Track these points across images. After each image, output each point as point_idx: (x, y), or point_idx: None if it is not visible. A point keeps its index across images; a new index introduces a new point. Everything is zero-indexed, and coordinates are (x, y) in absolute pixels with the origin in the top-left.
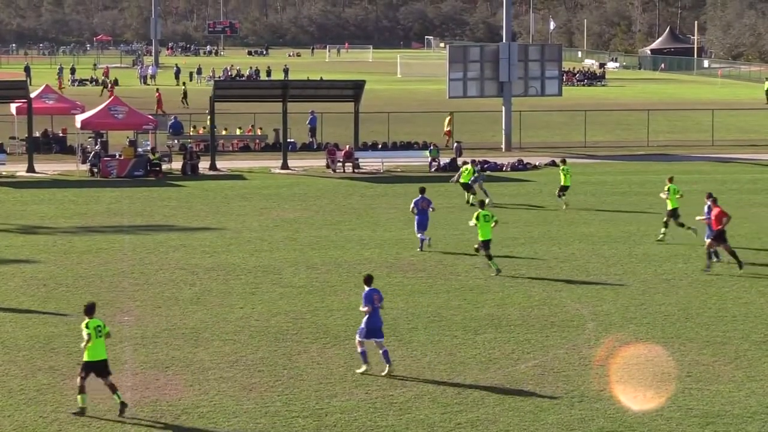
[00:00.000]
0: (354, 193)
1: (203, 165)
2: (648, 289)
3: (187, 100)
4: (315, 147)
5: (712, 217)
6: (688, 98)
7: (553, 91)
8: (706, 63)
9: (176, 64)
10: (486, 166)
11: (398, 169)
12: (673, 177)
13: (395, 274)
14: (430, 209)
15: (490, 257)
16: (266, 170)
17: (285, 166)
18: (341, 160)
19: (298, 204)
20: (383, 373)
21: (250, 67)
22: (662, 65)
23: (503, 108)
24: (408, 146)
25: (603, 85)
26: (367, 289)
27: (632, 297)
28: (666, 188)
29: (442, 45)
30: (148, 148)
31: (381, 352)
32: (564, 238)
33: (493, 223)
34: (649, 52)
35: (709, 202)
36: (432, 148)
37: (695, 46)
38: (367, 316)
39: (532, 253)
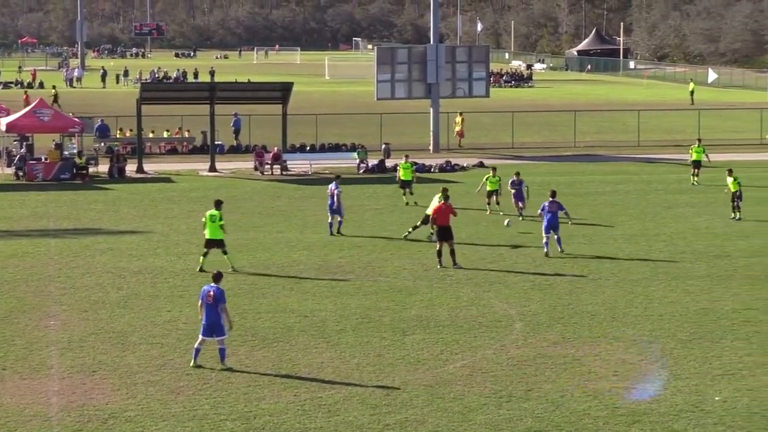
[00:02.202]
0: (282, 195)
1: (130, 168)
2: (575, 288)
3: (59, 103)
4: (241, 149)
5: (439, 211)
6: (614, 99)
7: (481, 92)
8: (631, 64)
9: (102, 67)
10: (414, 167)
11: (326, 171)
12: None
13: (324, 275)
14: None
15: (204, 254)
16: (194, 173)
17: (213, 168)
18: (269, 162)
19: (226, 206)
20: (219, 368)
21: (177, 70)
22: (588, 66)
23: (431, 109)
24: (336, 148)
25: (530, 87)
26: (207, 286)
27: (559, 297)
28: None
29: (369, 47)
30: (75, 151)
31: (218, 348)
32: (492, 239)
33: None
34: (575, 53)
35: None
36: (360, 149)
37: (621, 47)
38: (204, 312)
39: (459, 255)
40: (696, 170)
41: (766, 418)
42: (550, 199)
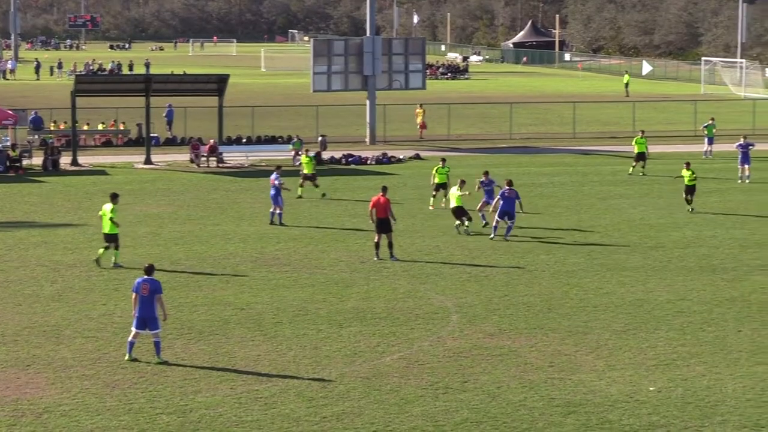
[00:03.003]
0: (218, 188)
1: (65, 160)
2: (511, 280)
3: None
4: (176, 141)
5: (381, 205)
6: (550, 91)
7: (417, 84)
8: (567, 56)
9: (36, 59)
10: (350, 159)
11: (263, 163)
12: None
13: (260, 268)
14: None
15: (117, 247)
16: (129, 165)
17: (148, 161)
18: (205, 154)
19: (162, 199)
20: (154, 361)
21: (112, 62)
22: (524, 59)
23: (367, 101)
24: (272, 140)
25: (466, 79)
26: (140, 278)
27: (495, 288)
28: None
29: (306, 39)
30: (8, 143)
31: (153, 342)
32: (428, 231)
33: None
34: (511, 45)
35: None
36: (295, 140)
37: (556, 39)
38: (138, 305)
39: (396, 246)
40: (642, 162)
41: (699, 408)
42: (507, 187)
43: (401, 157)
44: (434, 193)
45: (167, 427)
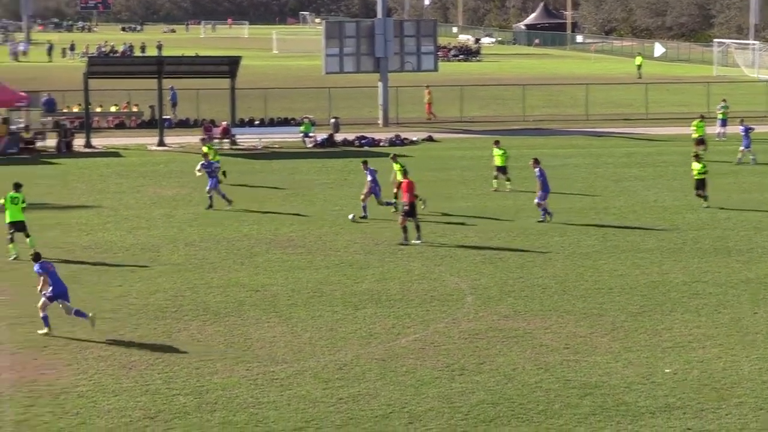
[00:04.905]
0: (231, 170)
1: (78, 142)
2: (525, 262)
3: None
4: (187, 122)
5: (402, 189)
6: (562, 73)
7: (429, 66)
8: (579, 38)
9: (49, 41)
10: (363, 141)
11: (276, 146)
12: (395, 155)
13: (274, 250)
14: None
15: (11, 240)
16: (143, 147)
17: (161, 142)
18: (218, 136)
19: (175, 181)
20: (93, 327)
21: (124, 44)
22: (536, 40)
23: (380, 83)
24: (285, 122)
25: (478, 61)
26: (36, 265)
27: (510, 270)
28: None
29: (317, 21)
30: (22, 125)
31: (72, 312)
32: (442, 213)
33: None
34: (523, 27)
35: (536, 168)
36: (306, 122)
37: (569, 21)
38: (51, 285)
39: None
40: (703, 146)
41: (716, 389)
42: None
43: (414, 138)
44: (495, 174)
45: (184, 408)
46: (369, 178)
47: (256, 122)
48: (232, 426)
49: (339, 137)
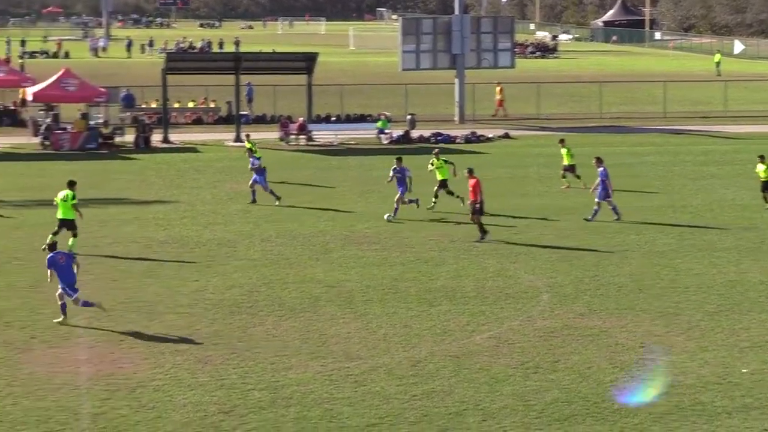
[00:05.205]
0: (307, 166)
1: (156, 138)
2: (601, 260)
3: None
4: (264, 118)
5: (470, 188)
6: (639, 70)
7: (506, 63)
8: (657, 35)
9: (128, 37)
10: (439, 138)
11: (352, 142)
12: (438, 150)
13: (350, 246)
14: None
15: (55, 234)
16: (219, 143)
17: (238, 138)
18: (294, 132)
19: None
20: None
21: (202, 40)
22: (614, 37)
23: (456, 80)
24: (361, 119)
25: (555, 58)
26: (50, 254)
27: (585, 269)
28: (431, 162)
29: (394, 17)
30: (101, 120)
31: (80, 304)
32: (518, 210)
33: None
34: (601, 24)
35: (600, 168)
36: (382, 119)
37: (647, 18)
38: (59, 275)
39: (485, 226)
40: None
41: None
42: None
43: (490, 135)
44: (563, 173)
45: (259, 403)
46: (398, 175)
47: (333, 118)
48: (307, 421)
49: (415, 134)
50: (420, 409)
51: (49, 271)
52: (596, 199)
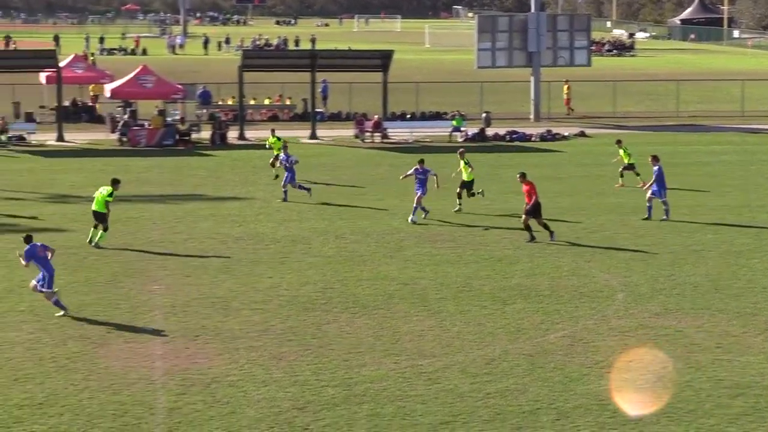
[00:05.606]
0: (382, 163)
1: (232, 135)
2: (677, 259)
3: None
4: (339, 115)
5: (524, 192)
6: (717, 69)
7: (582, 61)
8: (735, 33)
9: (204, 34)
10: (514, 136)
11: (427, 140)
12: (463, 150)
13: (424, 243)
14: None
15: (96, 227)
16: (295, 140)
17: (313, 135)
18: (369, 130)
19: (327, 174)
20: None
21: (278, 37)
22: (692, 35)
23: (532, 78)
24: (437, 116)
25: (632, 56)
26: (27, 246)
27: (661, 268)
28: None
29: (470, 15)
30: (177, 117)
31: (52, 300)
32: (593, 209)
33: None
34: (678, 22)
35: (656, 166)
36: (457, 116)
37: (725, 16)
38: (43, 267)
39: (561, 224)
40: None
41: None
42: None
43: (566, 134)
44: (621, 172)
45: (332, 400)
46: (420, 176)
47: (408, 116)
48: (380, 419)
49: (490, 132)
50: (493, 407)
51: (23, 260)
52: (654, 198)
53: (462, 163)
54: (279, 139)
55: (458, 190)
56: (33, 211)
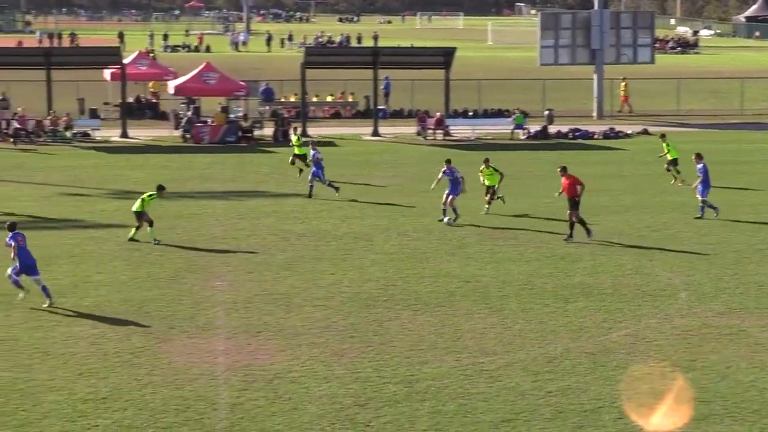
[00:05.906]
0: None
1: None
2: (741, 258)
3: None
4: (401, 112)
5: (564, 186)
6: None
7: (646, 58)
8: None
9: (267, 31)
10: (577, 133)
11: (489, 137)
12: (487, 158)
13: (486, 241)
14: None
15: (150, 225)
16: (357, 137)
17: (376, 132)
18: (432, 127)
19: (389, 171)
20: (44, 306)
21: (341, 34)
22: (756, 33)
23: (595, 75)
24: (499, 114)
25: (696, 53)
26: (10, 234)
27: (725, 267)
28: (480, 170)
29: (533, 12)
30: (240, 114)
31: (39, 288)
32: (656, 207)
33: None
34: (743, 19)
35: (700, 164)
36: (518, 114)
37: None
38: (17, 255)
39: (623, 222)
40: None
41: None
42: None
43: (629, 132)
44: (667, 167)
45: (394, 397)
46: (449, 177)
47: (470, 113)
48: (441, 416)
49: (552, 129)
50: (555, 405)
51: (11, 248)
52: (699, 197)
53: (487, 170)
54: (299, 138)
55: (486, 196)
56: (97, 207)
